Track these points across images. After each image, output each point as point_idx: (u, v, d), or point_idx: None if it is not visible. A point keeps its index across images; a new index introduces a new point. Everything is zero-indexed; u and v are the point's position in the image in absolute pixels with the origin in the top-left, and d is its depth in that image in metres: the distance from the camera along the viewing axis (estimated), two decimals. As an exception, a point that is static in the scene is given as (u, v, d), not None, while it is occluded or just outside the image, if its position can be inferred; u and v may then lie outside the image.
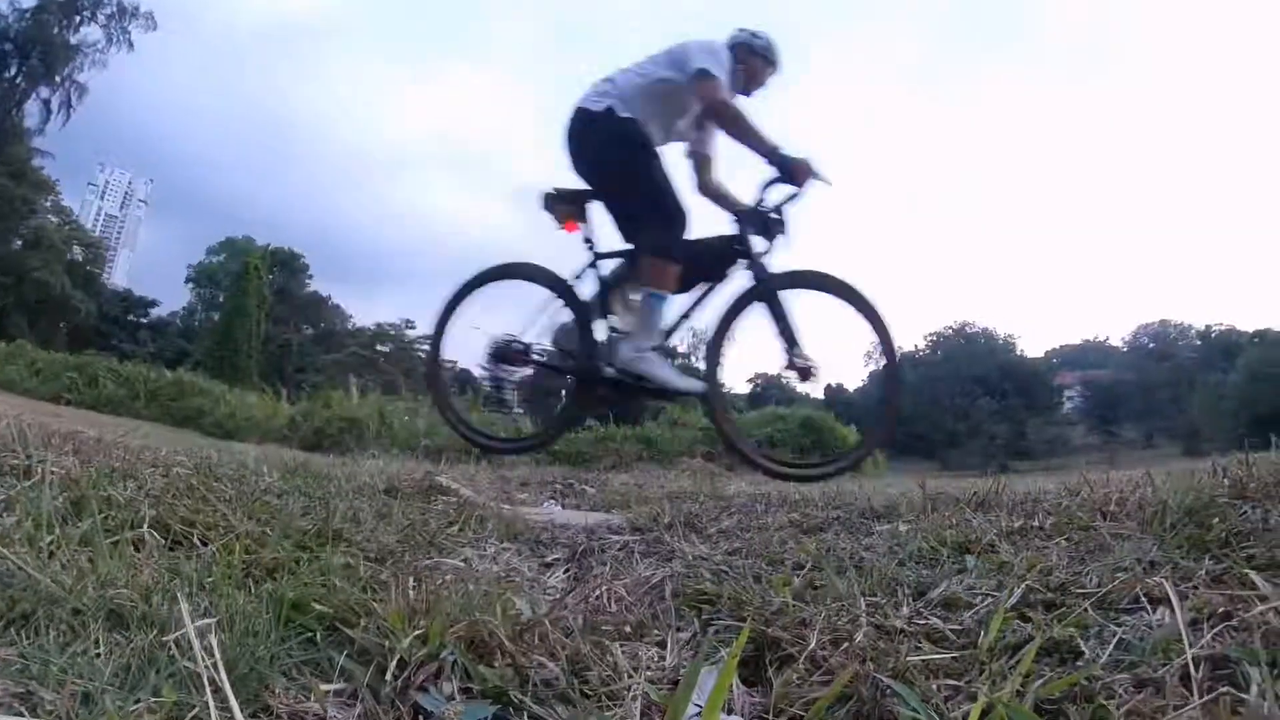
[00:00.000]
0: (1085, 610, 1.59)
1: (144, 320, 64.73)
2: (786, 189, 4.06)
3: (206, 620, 1.24)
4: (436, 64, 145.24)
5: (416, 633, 1.37)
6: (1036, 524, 2.46)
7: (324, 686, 1.25)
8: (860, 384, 79.52)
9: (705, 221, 4.23)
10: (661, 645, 1.58)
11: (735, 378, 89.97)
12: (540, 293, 4.34)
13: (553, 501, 5.24)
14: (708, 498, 4.52)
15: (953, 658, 1.43)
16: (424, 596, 1.57)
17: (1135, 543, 2.05)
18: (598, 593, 1.98)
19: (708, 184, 4.46)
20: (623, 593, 2.00)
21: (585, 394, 4.56)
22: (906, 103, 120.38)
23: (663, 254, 3.99)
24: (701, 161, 4.46)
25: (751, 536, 2.82)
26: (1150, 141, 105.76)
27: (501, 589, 1.77)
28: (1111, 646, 1.40)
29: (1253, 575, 1.58)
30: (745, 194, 4.26)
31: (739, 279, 4.21)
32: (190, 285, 69.89)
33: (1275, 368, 50.73)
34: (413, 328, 62.76)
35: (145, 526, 1.90)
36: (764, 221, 4.10)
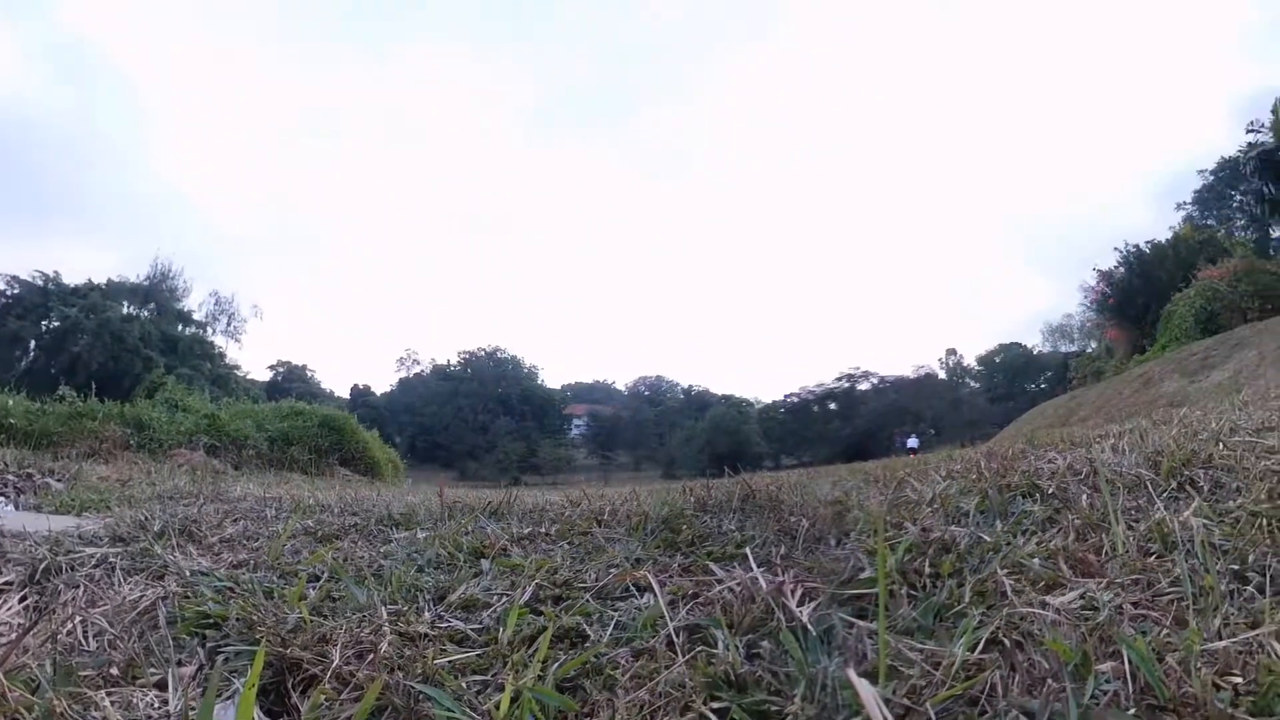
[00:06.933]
0: (588, 600, 1.83)
1: None
2: None
3: None
4: None
5: None
6: (544, 530, 2.74)
7: None
8: (388, 389, 79.12)
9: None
10: (161, 686, 1.38)
11: (256, 363, 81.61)
12: None
13: (2, 500, 4.19)
14: (209, 500, 4.05)
15: (477, 655, 1.52)
16: None
17: (624, 544, 2.44)
18: (70, 626, 1.66)
19: None
20: (104, 624, 1.70)
21: None
22: (513, 136, 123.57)
23: None
24: None
25: (260, 546, 2.62)
26: (686, 232, 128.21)
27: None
28: (611, 627, 1.64)
29: (711, 565, 2.01)
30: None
31: None
32: None
33: (732, 421, 71.00)
34: None
35: None
36: None
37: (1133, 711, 1.09)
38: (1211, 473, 2.39)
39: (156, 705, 1.29)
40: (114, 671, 1.41)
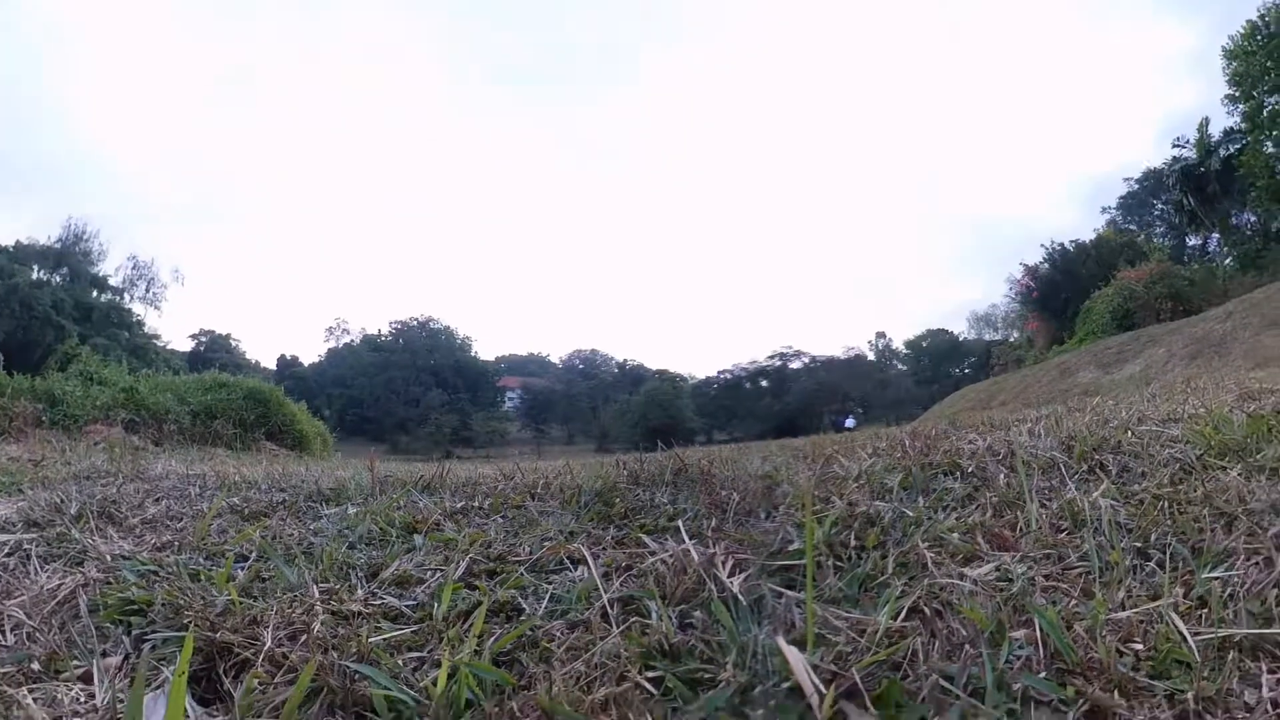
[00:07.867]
0: (522, 574, 1.84)
1: None
2: None
3: None
4: None
5: None
6: (477, 504, 2.72)
7: None
8: (316, 359, 76.88)
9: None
10: (86, 679, 1.32)
11: (176, 332, 77.98)
12: None
13: (-108, 484, 3.90)
14: (128, 479, 3.88)
15: (412, 631, 1.50)
16: None
17: (558, 517, 2.44)
18: (-18, 620, 1.58)
19: None
20: (20, 616, 1.62)
21: None
22: (449, 105, 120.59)
23: None
24: None
25: (185, 526, 2.53)
26: (622, 208, 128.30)
27: None
28: (546, 600, 1.65)
29: (644, 537, 2.04)
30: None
31: None
32: None
33: (666, 396, 71.21)
34: None
35: None
36: None
37: (1044, 675, 1.15)
38: (1120, 458, 2.52)
39: (83, 699, 1.23)
40: (35, 666, 1.34)
